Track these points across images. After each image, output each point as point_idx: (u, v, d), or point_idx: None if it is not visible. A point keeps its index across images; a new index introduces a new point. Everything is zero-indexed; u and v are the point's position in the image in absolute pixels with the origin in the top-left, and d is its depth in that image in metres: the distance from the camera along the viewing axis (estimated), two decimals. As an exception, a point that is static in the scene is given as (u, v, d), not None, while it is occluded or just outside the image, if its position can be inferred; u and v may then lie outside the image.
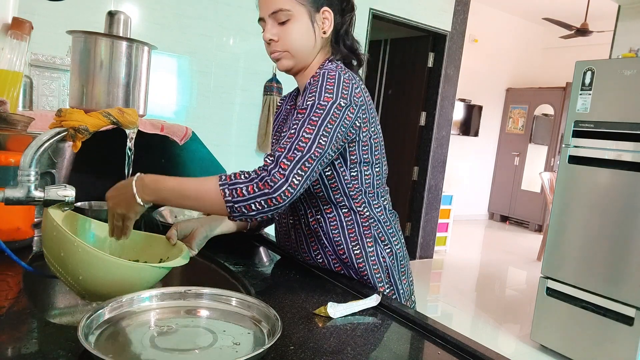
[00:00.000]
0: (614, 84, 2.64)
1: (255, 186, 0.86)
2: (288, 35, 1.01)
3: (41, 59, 2.47)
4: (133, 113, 0.91)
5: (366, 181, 1.05)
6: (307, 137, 0.89)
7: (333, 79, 0.95)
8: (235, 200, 0.86)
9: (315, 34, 1.03)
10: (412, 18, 4.18)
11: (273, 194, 0.85)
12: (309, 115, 0.91)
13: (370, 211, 1.07)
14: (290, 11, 0.99)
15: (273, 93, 3.48)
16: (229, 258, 1.12)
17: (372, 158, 1.05)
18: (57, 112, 0.86)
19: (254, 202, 0.86)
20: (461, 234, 6.04)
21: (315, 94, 0.94)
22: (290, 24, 1.00)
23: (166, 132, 1.44)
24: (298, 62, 1.05)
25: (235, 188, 0.86)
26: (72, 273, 0.78)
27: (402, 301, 1.11)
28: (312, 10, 1.01)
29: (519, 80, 7.32)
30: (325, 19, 1.04)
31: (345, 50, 1.08)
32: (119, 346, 0.68)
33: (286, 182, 0.86)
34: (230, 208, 0.86)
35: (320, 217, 1.06)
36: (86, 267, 0.77)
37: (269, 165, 0.88)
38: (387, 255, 1.09)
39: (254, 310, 0.77)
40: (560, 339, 2.87)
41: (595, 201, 2.72)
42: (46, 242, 0.81)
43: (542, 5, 6.20)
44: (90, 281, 0.78)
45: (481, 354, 0.73)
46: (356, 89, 0.97)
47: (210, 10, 3.20)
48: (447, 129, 4.71)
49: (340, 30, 1.08)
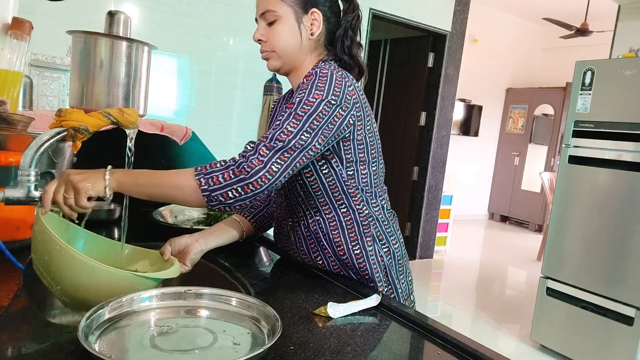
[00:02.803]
0: (614, 84, 2.64)
1: (231, 172, 0.86)
2: (274, 36, 1.03)
3: (41, 59, 2.47)
4: (133, 113, 0.91)
5: (363, 180, 1.05)
6: (290, 130, 0.89)
7: (325, 77, 0.95)
8: (212, 188, 0.85)
9: (301, 35, 1.03)
10: (412, 18, 4.18)
11: (249, 179, 0.85)
12: (295, 110, 0.91)
13: (369, 209, 1.07)
14: (277, 12, 1.01)
15: (273, 93, 3.48)
16: (229, 258, 1.12)
17: (368, 157, 1.05)
18: (57, 112, 0.86)
19: (231, 189, 0.85)
20: (461, 234, 6.04)
21: (305, 91, 0.94)
22: (277, 24, 1.02)
23: (166, 132, 1.44)
24: (285, 62, 1.06)
25: (211, 177, 0.86)
26: (54, 277, 0.76)
27: (400, 300, 1.11)
28: (299, 11, 1.02)
29: (519, 80, 7.32)
30: (315, 20, 1.04)
31: (341, 53, 1.07)
32: (119, 346, 0.68)
33: (264, 168, 0.86)
34: (207, 197, 0.86)
35: (319, 218, 1.06)
36: (68, 270, 0.75)
37: (248, 152, 0.88)
38: (385, 255, 1.09)
39: (254, 310, 0.77)
40: (560, 339, 2.87)
41: (595, 201, 2.72)
42: (34, 245, 0.79)
43: (542, 5, 6.20)
44: (71, 286, 0.76)
45: (481, 354, 0.73)
46: (349, 87, 0.97)
47: (210, 10, 3.21)
48: (447, 129, 4.71)
49: (337, 32, 1.07)
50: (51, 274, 0.77)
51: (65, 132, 0.85)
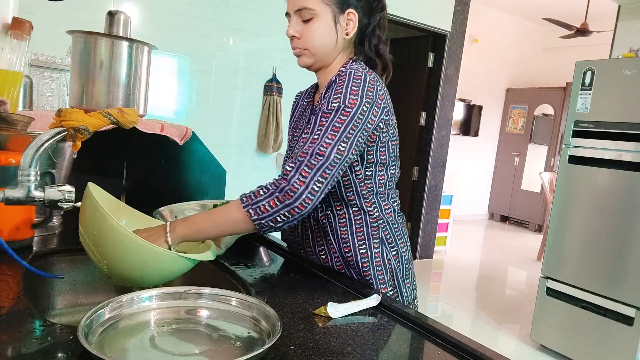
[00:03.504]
0: (614, 84, 2.64)
1: (276, 200, 0.89)
2: (310, 34, 1.02)
3: (41, 59, 2.47)
4: (133, 113, 0.91)
5: (379, 182, 1.06)
6: (328, 142, 0.91)
7: (359, 79, 0.96)
8: (261, 217, 0.89)
9: (337, 35, 1.03)
10: (412, 18, 4.18)
11: (294, 204, 0.88)
12: (332, 120, 0.93)
13: (380, 212, 1.07)
14: (315, 10, 1.00)
15: (273, 93, 3.48)
16: (229, 258, 1.12)
17: (388, 159, 1.06)
18: (57, 112, 0.86)
19: (278, 214, 0.89)
20: (461, 234, 6.04)
21: (340, 95, 0.95)
22: (314, 22, 1.01)
23: (166, 132, 1.44)
24: (318, 60, 1.06)
25: (258, 206, 0.89)
26: (102, 251, 0.82)
27: (405, 304, 1.11)
28: (337, 11, 1.01)
29: (519, 80, 7.32)
30: (350, 20, 1.03)
31: (369, 51, 1.07)
32: (119, 346, 0.68)
33: (306, 189, 0.88)
34: (259, 225, 0.90)
35: (330, 213, 1.07)
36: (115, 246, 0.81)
37: (289, 173, 0.90)
38: (393, 258, 1.09)
39: (254, 310, 0.77)
40: (560, 339, 2.87)
41: (595, 201, 2.72)
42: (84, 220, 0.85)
43: (542, 5, 6.20)
44: (117, 261, 0.82)
45: (481, 354, 0.73)
46: (380, 91, 0.98)
47: (210, 10, 3.20)
48: (447, 129, 4.71)
49: (366, 31, 1.06)
50: (99, 247, 0.83)
51: (65, 132, 0.85)
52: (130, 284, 0.88)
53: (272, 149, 3.52)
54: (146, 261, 0.82)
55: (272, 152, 3.56)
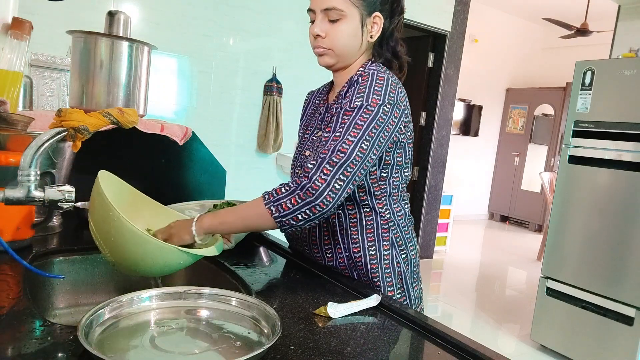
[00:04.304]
0: (614, 84, 2.64)
1: (297, 197, 0.88)
2: (336, 35, 1.01)
3: (41, 59, 2.47)
4: (133, 113, 0.91)
5: (393, 183, 1.06)
6: (351, 139, 0.91)
7: (382, 80, 0.96)
8: (282, 214, 0.89)
9: (362, 37, 1.03)
10: (412, 18, 4.18)
11: (315, 201, 0.88)
12: (355, 119, 0.93)
13: (391, 214, 1.07)
14: (344, 12, 0.99)
15: (273, 93, 3.48)
16: (229, 258, 1.12)
17: (404, 162, 1.06)
18: (57, 112, 0.86)
19: (300, 212, 0.89)
20: (461, 234, 6.04)
21: (363, 95, 0.95)
22: (341, 23, 1.00)
23: (166, 132, 1.44)
24: (340, 60, 1.06)
25: (279, 204, 0.89)
26: (107, 242, 0.84)
27: (413, 308, 1.10)
28: (365, 14, 1.01)
29: (519, 80, 7.32)
30: (375, 23, 1.04)
31: (387, 53, 1.08)
32: (119, 346, 0.68)
33: (328, 186, 0.88)
34: (280, 222, 0.90)
35: (340, 212, 1.06)
36: (121, 238, 0.82)
37: (310, 171, 0.90)
38: (402, 261, 1.08)
39: (254, 310, 0.77)
40: (560, 339, 2.87)
41: (595, 201, 2.72)
42: (93, 208, 0.86)
43: (542, 5, 6.20)
44: (122, 252, 0.84)
45: (481, 354, 0.73)
46: (400, 93, 0.99)
47: (210, 10, 3.20)
48: (447, 129, 4.71)
49: (386, 33, 1.07)
50: (103, 235, 0.85)
51: (65, 132, 0.85)
52: (134, 273, 0.89)
53: (272, 149, 3.52)
54: (149, 253, 0.83)
55: (272, 152, 3.56)
